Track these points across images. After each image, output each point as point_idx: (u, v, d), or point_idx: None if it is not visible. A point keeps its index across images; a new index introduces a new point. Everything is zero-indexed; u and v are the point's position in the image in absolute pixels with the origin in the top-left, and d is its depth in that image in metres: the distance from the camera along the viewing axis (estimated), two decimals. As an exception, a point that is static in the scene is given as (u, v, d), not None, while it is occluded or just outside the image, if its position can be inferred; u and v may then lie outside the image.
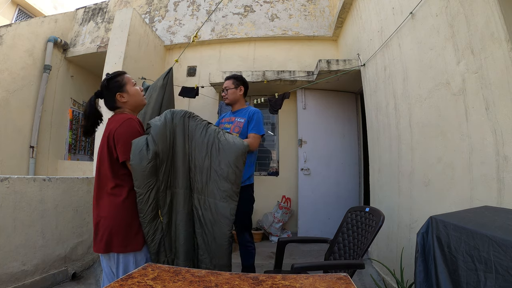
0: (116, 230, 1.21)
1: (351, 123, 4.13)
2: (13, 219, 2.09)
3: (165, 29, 4.86)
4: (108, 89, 1.39)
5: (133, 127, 1.31)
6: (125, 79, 1.41)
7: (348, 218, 1.78)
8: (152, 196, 1.25)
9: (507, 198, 1.29)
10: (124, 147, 1.25)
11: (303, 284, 0.79)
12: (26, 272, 2.13)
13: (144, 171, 1.22)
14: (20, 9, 6.60)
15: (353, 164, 4.04)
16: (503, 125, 1.33)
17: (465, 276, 0.88)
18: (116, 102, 1.39)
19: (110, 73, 1.44)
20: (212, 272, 0.89)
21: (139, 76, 3.84)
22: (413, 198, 2.09)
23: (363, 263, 1.36)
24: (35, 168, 4.24)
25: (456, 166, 1.64)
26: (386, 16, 2.56)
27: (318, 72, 3.56)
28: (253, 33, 4.61)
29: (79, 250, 2.63)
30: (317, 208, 3.83)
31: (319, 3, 4.67)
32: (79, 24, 5.11)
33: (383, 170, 2.68)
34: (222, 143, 1.41)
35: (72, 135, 4.99)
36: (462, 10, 1.59)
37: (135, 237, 1.24)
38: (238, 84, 2.30)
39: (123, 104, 1.40)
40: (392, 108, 2.47)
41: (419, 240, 1.09)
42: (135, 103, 1.43)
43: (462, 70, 1.60)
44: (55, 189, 2.44)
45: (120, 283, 0.76)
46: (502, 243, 0.79)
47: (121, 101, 1.39)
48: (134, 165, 1.22)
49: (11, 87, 3.97)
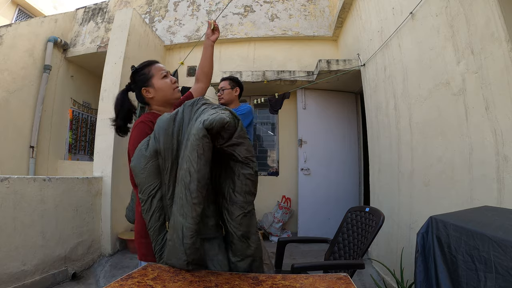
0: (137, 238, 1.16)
1: (351, 123, 4.13)
2: (13, 219, 2.09)
3: (165, 29, 4.86)
4: (135, 83, 1.26)
5: (142, 130, 1.15)
6: (152, 71, 1.24)
7: (348, 218, 1.78)
8: (155, 203, 1.03)
9: (507, 198, 1.29)
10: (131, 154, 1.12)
11: (303, 284, 0.79)
12: (26, 272, 2.13)
13: (143, 172, 1.04)
14: (20, 9, 6.60)
15: (353, 164, 4.04)
16: (503, 125, 1.33)
17: (465, 276, 0.88)
18: (144, 98, 1.26)
19: (136, 65, 1.27)
20: (212, 272, 0.89)
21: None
22: (413, 198, 2.09)
23: (363, 263, 1.36)
24: (35, 168, 4.24)
25: (456, 166, 1.64)
26: (386, 16, 2.56)
27: (318, 72, 3.56)
28: (253, 33, 4.61)
29: (79, 250, 2.63)
30: (317, 208, 3.83)
31: (319, 3, 4.67)
32: (79, 24, 5.11)
33: (383, 170, 2.68)
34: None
35: (72, 135, 4.99)
36: (462, 10, 1.59)
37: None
38: (234, 85, 2.33)
39: (151, 100, 1.25)
40: (392, 108, 2.47)
41: (419, 240, 1.08)
42: (163, 98, 1.25)
43: (462, 70, 1.60)
44: (55, 189, 2.44)
45: (120, 283, 0.76)
46: (502, 243, 0.79)
47: (147, 96, 1.24)
48: (133, 167, 1.06)
49: (11, 87, 3.97)
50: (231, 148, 0.96)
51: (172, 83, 1.28)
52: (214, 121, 0.90)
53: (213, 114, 0.94)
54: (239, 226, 0.95)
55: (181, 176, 0.95)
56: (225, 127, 0.92)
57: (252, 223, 0.99)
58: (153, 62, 1.29)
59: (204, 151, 0.92)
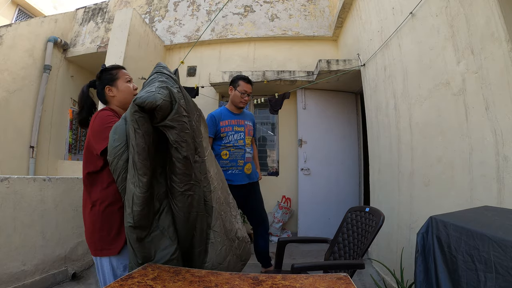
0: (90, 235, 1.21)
1: (351, 123, 4.13)
2: (13, 219, 2.09)
3: (165, 29, 4.86)
4: (100, 80, 1.36)
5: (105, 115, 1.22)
6: (119, 74, 1.36)
7: (348, 218, 1.77)
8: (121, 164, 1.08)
9: (507, 198, 1.29)
10: (98, 137, 1.16)
11: (303, 284, 0.79)
12: (26, 272, 2.13)
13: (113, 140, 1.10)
14: (20, 9, 6.60)
15: (353, 164, 4.04)
16: (503, 125, 1.33)
17: (465, 276, 0.88)
18: (105, 96, 1.36)
19: (107, 65, 1.40)
20: (212, 272, 0.89)
21: (139, 76, 3.84)
22: (413, 198, 2.09)
23: (363, 263, 1.36)
24: (35, 168, 4.24)
25: (456, 166, 1.64)
26: (386, 16, 2.56)
27: (318, 72, 3.56)
28: (253, 33, 4.61)
29: (79, 250, 2.63)
30: (317, 208, 3.83)
31: (319, 3, 4.67)
32: (79, 24, 5.11)
33: (383, 170, 2.68)
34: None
35: (72, 135, 4.99)
36: (462, 10, 1.59)
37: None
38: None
39: (111, 98, 1.35)
40: (392, 108, 2.47)
41: (419, 240, 1.09)
42: (123, 99, 1.35)
43: (462, 70, 1.60)
44: (55, 189, 2.44)
45: (120, 283, 0.76)
46: (502, 243, 0.79)
47: (109, 95, 1.35)
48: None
49: (11, 87, 3.96)
50: (164, 129, 1.02)
51: (134, 89, 1.38)
52: (145, 101, 0.94)
53: (150, 91, 0.98)
54: (177, 203, 1.07)
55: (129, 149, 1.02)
56: (156, 109, 0.96)
57: (190, 203, 1.09)
58: (120, 67, 1.40)
59: (139, 125, 0.97)
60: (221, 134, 2.31)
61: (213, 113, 2.38)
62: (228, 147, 2.31)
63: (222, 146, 2.31)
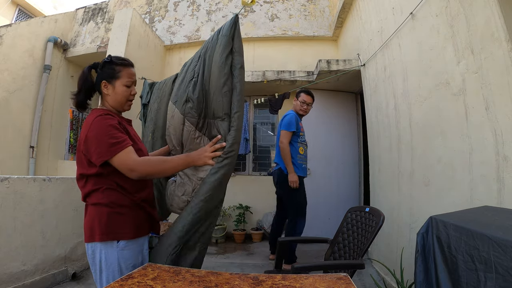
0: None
1: (351, 123, 4.13)
2: (13, 219, 2.09)
3: (165, 29, 4.86)
4: (101, 70, 1.21)
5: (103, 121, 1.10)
6: (122, 73, 1.21)
7: (348, 218, 1.77)
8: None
9: (507, 198, 1.29)
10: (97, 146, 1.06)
11: (303, 284, 0.79)
12: (26, 272, 2.13)
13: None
14: (20, 9, 6.60)
15: (353, 164, 4.04)
16: (503, 125, 1.33)
17: (465, 276, 0.88)
18: (100, 89, 1.21)
19: (116, 56, 1.24)
20: (212, 272, 0.89)
21: (139, 76, 3.83)
22: (413, 198, 2.09)
23: (363, 263, 1.36)
24: (35, 168, 4.24)
25: (456, 166, 1.64)
26: (386, 16, 2.56)
27: (318, 72, 3.56)
28: (253, 33, 4.61)
29: (79, 250, 2.63)
30: (317, 208, 3.82)
31: (319, 3, 4.67)
32: (79, 24, 5.12)
33: (383, 170, 2.68)
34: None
35: (73, 135, 4.99)
36: (462, 10, 1.59)
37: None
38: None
39: (105, 95, 1.22)
40: (392, 108, 2.47)
41: (419, 240, 1.09)
42: (115, 102, 1.21)
43: (462, 70, 1.60)
44: (55, 189, 2.44)
45: (120, 283, 0.76)
46: (502, 243, 0.79)
47: (103, 91, 1.20)
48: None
49: (11, 87, 3.97)
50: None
51: (130, 94, 1.25)
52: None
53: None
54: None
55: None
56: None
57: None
58: (130, 65, 1.26)
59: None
60: (300, 133, 2.84)
61: (294, 114, 2.88)
62: (303, 144, 2.88)
63: (299, 143, 2.84)
